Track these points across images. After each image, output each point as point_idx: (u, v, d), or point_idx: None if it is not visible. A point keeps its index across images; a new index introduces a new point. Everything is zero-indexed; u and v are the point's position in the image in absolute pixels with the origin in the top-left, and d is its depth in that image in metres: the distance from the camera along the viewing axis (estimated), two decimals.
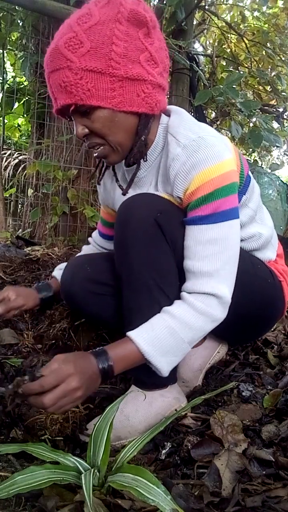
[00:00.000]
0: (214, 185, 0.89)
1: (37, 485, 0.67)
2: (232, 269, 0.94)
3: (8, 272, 1.84)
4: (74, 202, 2.88)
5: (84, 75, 0.85)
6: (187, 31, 2.95)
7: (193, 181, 0.90)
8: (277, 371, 1.20)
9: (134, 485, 0.64)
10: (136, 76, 0.88)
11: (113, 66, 0.86)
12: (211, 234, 0.90)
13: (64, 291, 1.15)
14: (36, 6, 2.54)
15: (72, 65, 0.85)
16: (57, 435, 0.90)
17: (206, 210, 0.90)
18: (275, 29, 3.67)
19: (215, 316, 0.92)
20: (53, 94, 0.91)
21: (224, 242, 0.91)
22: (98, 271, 1.11)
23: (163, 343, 0.88)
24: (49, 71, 0.89)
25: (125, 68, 0.86)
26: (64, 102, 0.88)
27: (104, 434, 0.77)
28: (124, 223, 0.95)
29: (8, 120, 4.39)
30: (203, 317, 0.90)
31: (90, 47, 0.84)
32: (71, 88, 0.86)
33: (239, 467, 0.79)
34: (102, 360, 0.84)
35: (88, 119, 0.90)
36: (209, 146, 0.90)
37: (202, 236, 0.91)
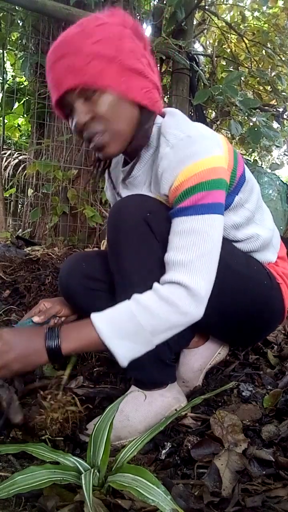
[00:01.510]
0: (198, 178, 0.88)
1: (37, 485, 0.67)
2: (209, 264, 0.89)
3: (8, 272, 1.84)
4: (74, 202, 2.88)
5: (93, 60, 0.88)
6: (187, 31, 2.95)
7: (178, 177, 0.90)
8: (277, 371, 1.20)
9: (134, 485, 0.64)
10: (140, 72, 0.92)
11: (121, 56, 0.89)
12: (189, 225, 0.88)
13: (61, 286, 1.17)
14: (36, 6, 2.54)
15: (82, 50, 0.88)
16: (57, 435, 0.90)
17: (187, 202, 0.89)
18: (275, 29, 3.66)
19: (182, 307, 0.86)
20: (58, 80, 0.90)
21: (202, 235, 0.88)
22: (93, 268, 1.13)
23: (121, 325, 0.86)
24: (55, 59, 0.90)
25: (132, 61, 0.91)
26: (72, 83, 0.88)
27: (104, 434, 0.77)
28: (115, 224, 0.96)
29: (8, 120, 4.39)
30: (167, 306, 0.86)
31: (100, 38, 0.88)
32: (80, 70, 0.88)
33: (239, 467, 0.79)
34: (50, 338, 0.85)
35: (92, 103, 0.90)
36: (196, 143, 0.90)
37: (180, 227, 0.89)
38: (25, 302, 1.59)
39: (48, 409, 0.91)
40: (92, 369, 1.18)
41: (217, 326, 1.10)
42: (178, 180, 0.89)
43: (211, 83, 3.22)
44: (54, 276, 1.68)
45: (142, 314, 0.85)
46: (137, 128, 0.96)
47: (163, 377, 1.00)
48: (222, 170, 0.92)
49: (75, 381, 1.12)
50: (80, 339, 0.87)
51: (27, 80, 3.42)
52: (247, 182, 1.05)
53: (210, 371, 1.20)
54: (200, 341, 1.16)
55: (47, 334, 0.86)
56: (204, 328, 1.13)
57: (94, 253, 1.24)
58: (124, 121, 0.94)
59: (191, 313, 0.87)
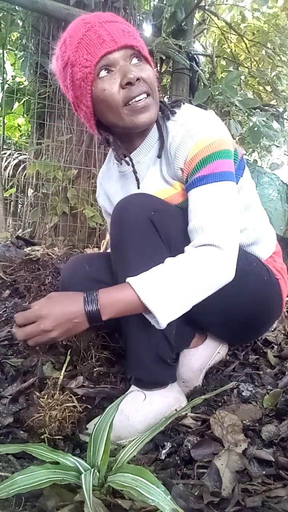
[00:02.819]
0: (212, 148, 0.94)
1: (37, 485, 0.66)
2: (234, 227, 0.93)
3: (8, 272, 1.84)
4: (74, 202, 2.89)
5: (139, 37, 0.97)
6: (187, 31, 2.95)
7: (192, 149, 0.95)
8: (277, 371, 1.20)
9: (134, 485, 0.64)
10: (152, 65, 1.00)
11: (144, 44, 0.99)
12: (210, 192, 0.93)
13: (63, 289, 1.15)
14: (36, 6, 2.55)
15: (130, 25, 0.98)
16: (56, 433, 0.90)
17: (205, 171, 0.94)
18: (275, 29, 3.66)
19: (217, 267, 0.89)
20: (113, 36, 0.93)
21: (224, 200, 0.93)
22: (97, 270, 1.11)
23: (159, 287, 0.85)
24: (104, 20, 0.95)
25: (148, 54, 1.00)
26: (130, 42, 0.94)
27: (104, 434, 0.77)
28: (119, 223, 0.96)
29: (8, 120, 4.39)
30: (202, 266, 0.88)
31: (130, 25, 0.98)
32: (135, 36, 0.96)
33: (239, 467, 0.79)
34: (90, 303, 0.85)
35: (139, 69, 0.95)
36: (206, 119, 0.98)
37: (201, 195, 0.94)
38: (25, 302, 1.59)
39: (46, 407, 0.91)
40: (92, 369, 1.18)
41: (218, 323, 1.10)
42: (192, 151, 0.94)
43: (211, 83, 3.22)
44: (54, 276, 1.68)
45: (179, 274, 0.87)
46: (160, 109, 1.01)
47: (164, 377, 1.00)
48: (230, 143, 0.99)
49: (75, 381, 1.12)
50: (120, 302, 0.86)
51: (27, 80, 3.42)
52: (246, 168, 1.11)
53: (210, 371, 1.19)
54: (199, 341, 1.17)
55: (86, 298, 0.85)
56: (205, 325, 1.14)
57: (97, 255, 1.23)
58: (157, 97, 0.99)
59: (225, 272, 0.91)
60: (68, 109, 2.97)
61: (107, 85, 0.93)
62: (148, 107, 0.95)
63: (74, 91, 0.99)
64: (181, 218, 1.00)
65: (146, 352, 0.96)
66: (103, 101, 0.95)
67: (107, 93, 0.93)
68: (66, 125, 3.01)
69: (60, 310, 0.85)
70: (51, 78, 2.94)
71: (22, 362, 1.20)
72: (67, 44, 0.96)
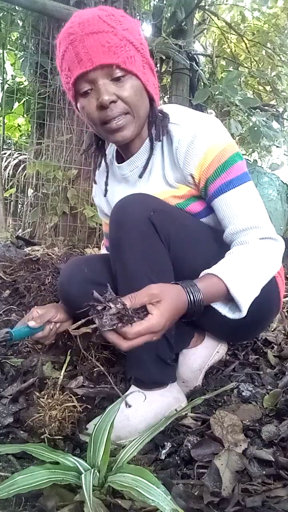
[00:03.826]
0: (226, 153, 0.97)
1: (37, 485, 0.66)
2: (269, 220, 0.99)
3: (8, 272, 1.84)
4: (74, 202, 2.89)
5: (127, 44, 0.92)
6: (187, 31, 2.95)
7: (205, 155, 0.96)
8: (277, 371, 1.20)
9: (134, 486, 0.64)
10: (152, 68, 1.00)
11: (143, 49, 0.96)
12: (243, 194, 0.97)
13: (61, 292, 1.14)
14: (36, 6, 2.55)
15: (117, 31, 0.91)
16: (56, 433, 0.90)
17: (229, 176, 0.97)
18: (275, 29, 3.66)
19: (278, 256, 0.97)
20: (90, 54, 0.89)
21: (256, 198, 0.99)
22: (96, 272, 1.10)
23: (240, 274, 0.89)
24: (86, 32, 0.89)
25: (148, 57, 0.98)
26: (106, 61, 0.90)
27: (105, 434, 0.77)
28: (118, 223, 0.96)
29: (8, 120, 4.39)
30: (270, 255, 0.95)
31: (128, 27, 0.93)
32: (116, 49, 0.90)
33: (239, 467, 0.79)
34: (194, 293, 0.83)
35: (119, 86, 0.93)
36: (209, 123, 0.99)
37: (237, 199, 0.97)
38: (25, 302, 1.59)
39: (46, 407, 0.91)
40: (92, 369, 1.18)
41: (216, 323, 1.10)
42: (206, 158, 0.96)
43: (211, 83, 3.22)
44: (54, 276, 1.68)
45: (253, 263, 0.92)
46: (148, 120, 1.02)
47: (164, 376, 1.00)
48: (236, 144, 1.02)
49: (75, 381, 1.12)
50: (213, 292, 0.87)
51: (27, 80, 3.42)
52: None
53: (210, 371, 1.19)
54: (198, 341, 1.16)
55: (188, 289, 0.83)
56: (204, 325, 1.14)
57: (95, 257, 1.23)
58: (143, 109, 0.98)
59: (281, 260, 0.99)
60: (68, 109, 2.97)
61: (86, 103, 0.95)
62: (124, 126, 0.95)
63: (68, 94, 1.01)
64: (180, 217, 1.00)
65: (145, 352, 0.96)
66: (84, 115, 0.98)
67: (86, 111, 0.96)
68: (66, 125, 3.01)
69: (171, 323, 0.81)
70: (51, 78, 2.95)
71: (22, 362, 1.20)
72: (58, 49, 0.97)
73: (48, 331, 1.10)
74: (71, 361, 1.19)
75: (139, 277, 0.93)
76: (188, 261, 0.99)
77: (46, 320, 1.09)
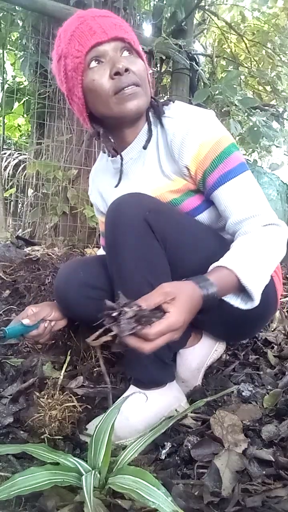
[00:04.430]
0: (222, 145, 0.97)
1: (38, 487, 0.66)
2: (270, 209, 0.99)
3: (8, 272, 1.84)
4: (74, 202, 2.88)
5: (132, 32, 1.00)
6: (187, 31, 2.95)
7: (200, 147, 0.97)
8: (277, 371, 1.20)
9: (135, 487, 0.64)
10: (145, 64, 1.01)
11: (137, 42, 1.01)
12: (242, 183, 0.97)
13: (58, 297, 1.13)
14: (36, 6, 2.55)
15: (123, 21, 1.00)
16: (56, 433, 0.90)
17: (226, 167, 0.97)
18: (275, 29, 3.66)
19: (283, 241, 0.96)
20: (104, 28, 0.95)
21: (255, 186, 0.98)
22: (92, 276, 1.10)
23: (249, 264, 0.88)
24: (97, 15, 0.97)
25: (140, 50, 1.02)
26: (120, 35, 0.96)
27: (105, 436, 0.77)
28: (114, 223, 0.95)
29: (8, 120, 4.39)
30: (275, 241, 0.95)
31: (123, 21, 1.01)
32: (127, 30, 0.99)
33: (239, 467, 0.79)
34: (208, 287, 0.82)
35: (129, 61, 0.96)
36: (203, 115, 1.01)
37: (236, 189, 0.97)
38: (25, 302, 1.59)
39: (46, 407, 0.91)
40: (92, 369, 1.18)
41: (213, 322, 1.10)
42: (201, 150, 0.97)
43: (211, 83, 3.22)
44: (54, 276, 1.68)
45: (260, 250, 0.91)
46: (151, 103, 1.03)
47: (162, 376, 1.00)
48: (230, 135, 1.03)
49: (75, 381, 1.12)
50: (225, 284, 0.85)
51: (27, 80, 3.42)
52: None
53: (210, 371, 1.19)
54: (195, 340, 1.16)
55: (202, 284, 0.82)
56: (201, 324, 1.14)
57: (91, 259, 1.22)
58: (148, 91, 1.00)
59: (285, 244, 0.98)
60: (68, 109, 2.97)
61: (97, 75, 0.95)
62: (136, 94, 0.96)
63: (67, 83, 1.01)
64: (176, 217, 1.00)
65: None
66: (92, 91, 0.97)
67: (96, 83, 0.95)
68: (66, 125, 3.01)
69: (189, 319, 0.80)
70: (51, 78, 2.94)
71: (22, 362, 1.20)
72: (61, 38, 0.99)
73: (42, 329, 1.10)
74: (71, 361, 1.20)
75: (135, 277, 0.93)
76: (184, 261, 0.98)
77: (41, 318, 1.09)
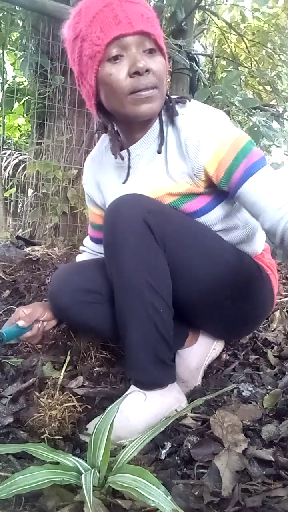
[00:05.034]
0: (242, 141, 0.94)
1: (37, 486, 0.66)
2: None
3: (8, 272, 1.84)
4: (74, 202, 2.89)
5: (158, 23, 0.93)
6: (187, 31, 2.95)
7: (220, 145, 0.93)
8: (277, 371, 1.20)
9: (134, 486, 0.64)
10: (166, 62, 0.96)
11: (162, 35, 0.95)
12: (270, 173, 0.92)
13: (52, 303, 1.11)
14: (36, 6, 2.55)
15: (150, 10, 0.94)
16: (56, 433, 0.90)
17: (251, 159, 0.92)
18: (275, 29, 3.66)
19: None
20: (127, 18, 0.88)
21: (282, 175, 0.93)
22: (86, 280, 1.08)
23: None
24: (123, 0, 0.89)
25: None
26: (147, 29, 0.89)
27: (105, 434, 0.77)
28: (112, 225, 0.94)
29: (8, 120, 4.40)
30: None
31: (150, 10, 0.95)
32: (153, 23, 0.92)
33: (239, 467, 0.78)
34: None
35: (151, 59, 0.91)
36: (217, 114, 0.98)
37: (266, 178, 0.91)
38: (25, 302, 1.59)
39: (46, 407, 0.91)
40: (92, 369, 1.18)
41: (210, 321, 1.10)
42: (223, 146, 0.93)
43: (211, 83, 3.22)
44: None
45: None
46: (165, 103, 0.99)
47: (163, 377, 1.00)
48: None
49: (75, 381, 1.12)
50: None
51: (27, 80, 3.43)
52: None
53: (210, 371, 1.19)
54: (193, 340, 1.16)
55: None
56: (198, 323, 1.14)
57: (86, 263, 1.20)
58: (165, 91, 0.96)
59: None
60: (68, 109, 2.97)
61: (115, 70, 0.90)
62: (152, 97, 0.91)
63: (80, 66, 0.95)
64: (175, 218, 0.99)
65: (144, 353, 0.96)
66: (107, 85, 0.92)
67: (113, 78, 0.90)
68: (66, 125, 3.01)
69: None
70: (51, 78, 2.95)
71: (22, 362, 1.20)
72: (81, 15, 0.92)
73: (36, 330, 1.09)
74: (71, 361, 1.20)
75: (135, 278, 0.92)
76: (184, 261, 0.98)
77: (35, 319, 1.08)
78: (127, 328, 0.96)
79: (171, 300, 0.97)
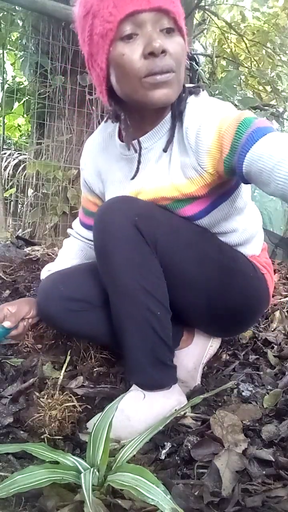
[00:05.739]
0: (243, 115, 0.83)
1: (37, 485, 0.66)
2: None
3: (8, 272, 1.84)
4: (74, 202, 2.89)
5: (179, 4, 0.85)
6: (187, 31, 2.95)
7: (222, 121, 0.84)
8: (277, 371, 1.20)
9: (134, 484, 0.64)
10: (185, 44, 0.88)
11: (183, 15, 0.87)
12: (280, 136, 0.78)
13: (41, 313, 1.10)
14: (36, 6, 2.54)
15: None
16: (56, 433, 0.90)
17: (255, 126, 0.80)
18: (275, 29, 3.67)
19: None
20: None
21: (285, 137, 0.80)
22: (73, 288, 1.06)
23: None
24: None
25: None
26: (165, 6, 0.80)
27: (104, 433, 0.77)
28: (103, 231, 0.93)
29: (8, 120, 4.40)
30: None
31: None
32: (173, 2, 0.83)
33: (239, 467, 0.78)
34: None
35: (168, 40, 0.83)
36: (217, 101, 0.93)
37: (277, 140, 0.77)
38: None
39: (46, 407, 0.91)
40: (92, 369, 1.18)
41: (205, 320, 1.10)
42: (225, 121, 0.84)
43: (211, 83, 3.22)
44: None
45: None
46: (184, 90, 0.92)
47: (164, 379, 0.99)
48: None
49: (75, 381, 1.12)
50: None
51: (27, 80, 3.43)
52: None
53: (210, 371, 1.19)
54: (188, 340, 1.16)
55: None
56: (193, 323, 1.14)
57: (72, 270, 1.16)
58: (183, 76, 0.87)
59: None
60: (68, 109, 2.97)
61: (128, 50, 0.81)
62: (168, 82, 0.83)
63: (90, 47, 0.87)
64: (167, 220, 0.97)
65: (144, 357, 0.96)
66: (119, 66, 0.84)
67: (126, 59, 0.82)
68: (66, 125, 3.01)
69: None
70: (51, 78, 2.95)
71: (22, 362, 1.20)
72: None
73: (22, 328, 1.09)
74: (71, 361, 1.20)
75: (129, 283, 0.92)
76: (176, 263, 0.97)
77: (21, 318, 1.08)
78: (124, 332, 0.96)
79: (167, 301, 0.96)
